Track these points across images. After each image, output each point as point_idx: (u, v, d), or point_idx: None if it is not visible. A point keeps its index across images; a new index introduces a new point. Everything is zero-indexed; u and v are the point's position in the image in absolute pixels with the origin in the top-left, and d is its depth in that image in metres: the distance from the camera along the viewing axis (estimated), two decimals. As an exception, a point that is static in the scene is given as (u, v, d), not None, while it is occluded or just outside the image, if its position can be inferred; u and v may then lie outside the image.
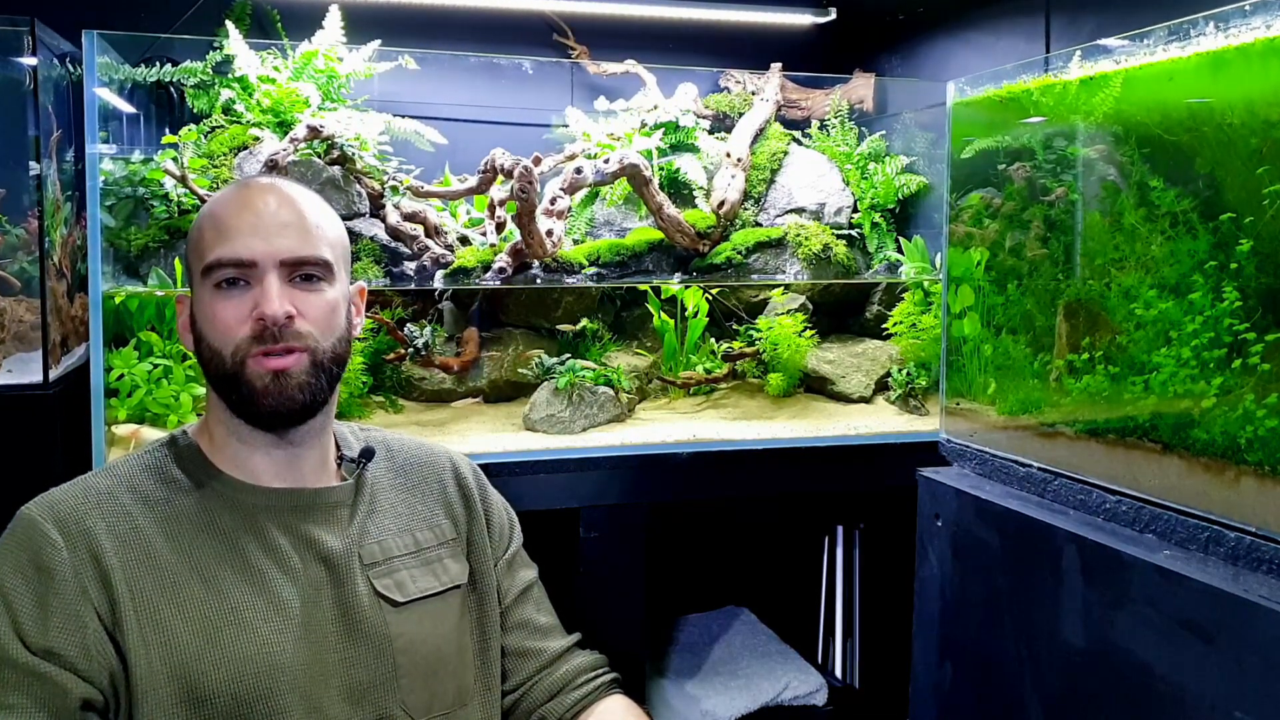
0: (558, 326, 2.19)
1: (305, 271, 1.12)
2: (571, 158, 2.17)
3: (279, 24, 2.17)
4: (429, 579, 1.21)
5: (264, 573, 1.10)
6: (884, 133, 2.38)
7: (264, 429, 1.13)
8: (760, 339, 2.14)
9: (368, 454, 1.24)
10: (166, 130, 1.90)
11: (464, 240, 2.08)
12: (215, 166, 1.87)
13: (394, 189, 2.01)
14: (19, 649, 0.98)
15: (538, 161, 1.86)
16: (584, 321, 2.16)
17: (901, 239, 2.29)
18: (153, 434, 1.70)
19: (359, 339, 1.89)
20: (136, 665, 1.01)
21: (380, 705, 1.12)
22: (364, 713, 1.11)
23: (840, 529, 2.51)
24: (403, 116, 2.04)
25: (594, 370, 1.98)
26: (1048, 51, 1.97)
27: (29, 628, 0.99)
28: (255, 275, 1.09)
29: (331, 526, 1.17)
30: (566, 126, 2.28)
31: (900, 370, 2.15)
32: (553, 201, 1.99)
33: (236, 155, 1.90)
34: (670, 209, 2.09)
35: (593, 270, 2.06)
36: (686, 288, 2.16)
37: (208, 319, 1.11)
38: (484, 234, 2.10)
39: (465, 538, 1.29)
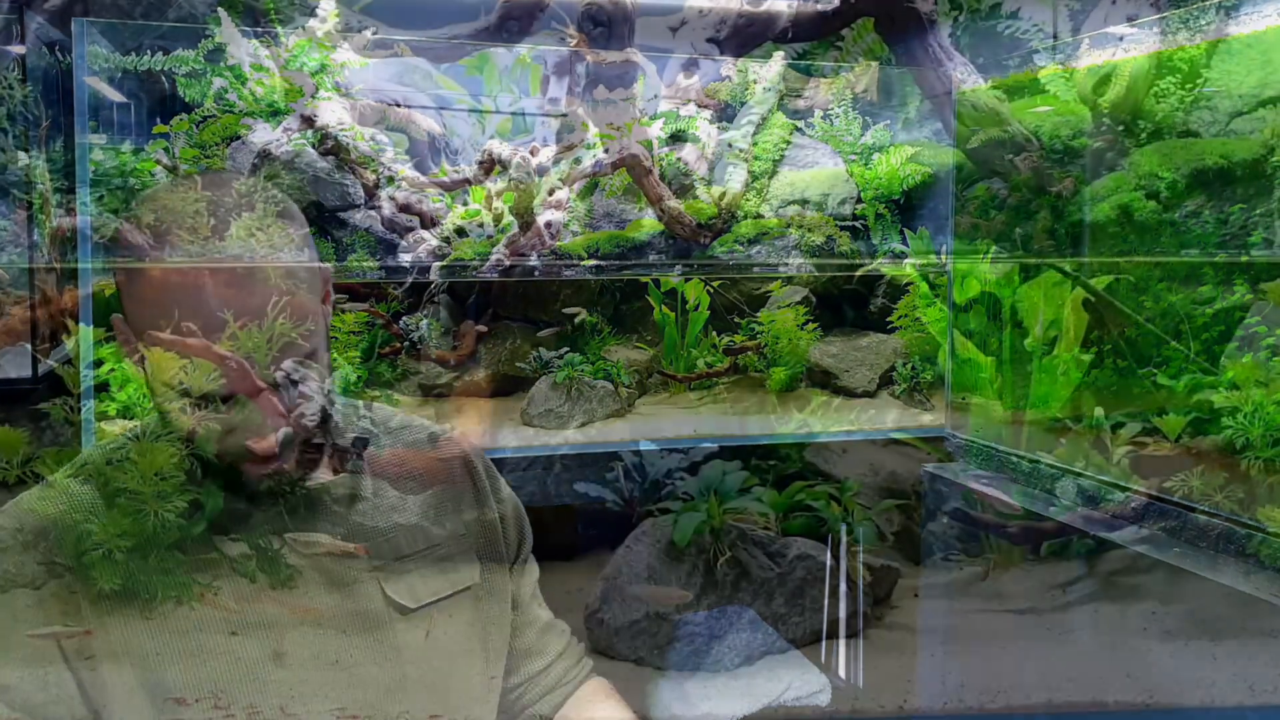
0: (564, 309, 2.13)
1: None
2: (570, 148, 2.14)
3: (272, 12, 2.14)
4: (439, 580, 1.15)
5: (255, 577, 1.06)
6: (888, 122, 2.35)
7: None
8: (762, 332, 2.11)
9: (360, 444, 1.15)
10: (157, 120, 1.87)
11: (460, 232, 2.05)
12: (207, 157, 1.84)
13: (389, 180, 1.98)
14: None
15: (535, 152, 1.83)
16: (582, 314, 2.13)
17: (906, 231, 2.25)
18: (144, 429, 1.67)
19: (355, 332, 1.88)
20: (110, 679, 0.98)
21: (384, 710, 1.09)
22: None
23: (844, 525, 2.49)
24: (398, 105, 2.02)
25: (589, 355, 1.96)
26: (1055, 41, 1.93)
27: None
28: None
29: (330, 525, 1.12)
30: (565, 116, 2.25)
31: (905, 364, 2.12)
32: (551, 193, 1.96)
33: (229, 145, 1.88)
34: (671, 200, 2.06)
35: (592, 262, 2.03)
36: (687, 280, 2.13)
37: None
38: (481, 226, 2.07)
39: (476, 535, 1.24)
